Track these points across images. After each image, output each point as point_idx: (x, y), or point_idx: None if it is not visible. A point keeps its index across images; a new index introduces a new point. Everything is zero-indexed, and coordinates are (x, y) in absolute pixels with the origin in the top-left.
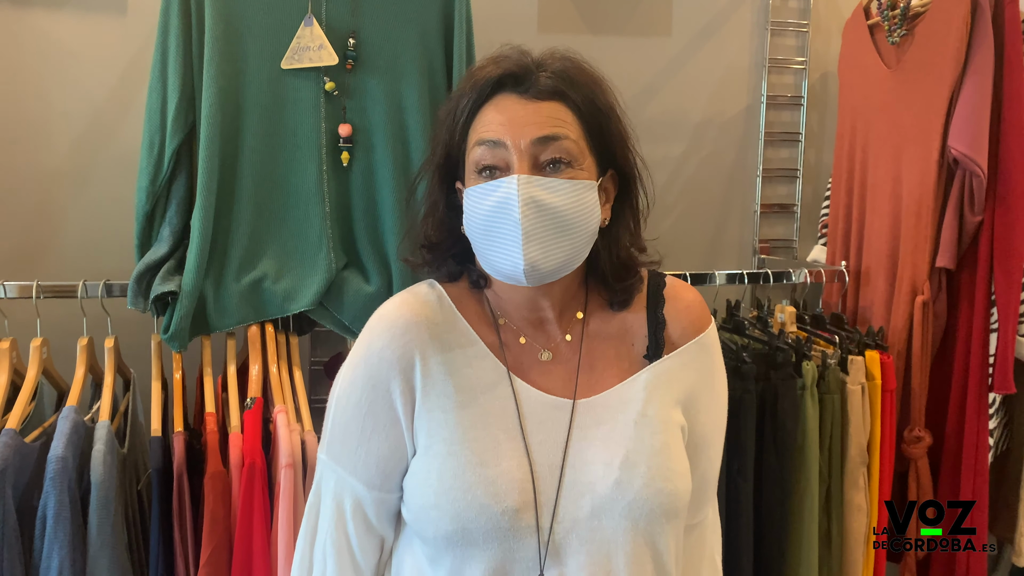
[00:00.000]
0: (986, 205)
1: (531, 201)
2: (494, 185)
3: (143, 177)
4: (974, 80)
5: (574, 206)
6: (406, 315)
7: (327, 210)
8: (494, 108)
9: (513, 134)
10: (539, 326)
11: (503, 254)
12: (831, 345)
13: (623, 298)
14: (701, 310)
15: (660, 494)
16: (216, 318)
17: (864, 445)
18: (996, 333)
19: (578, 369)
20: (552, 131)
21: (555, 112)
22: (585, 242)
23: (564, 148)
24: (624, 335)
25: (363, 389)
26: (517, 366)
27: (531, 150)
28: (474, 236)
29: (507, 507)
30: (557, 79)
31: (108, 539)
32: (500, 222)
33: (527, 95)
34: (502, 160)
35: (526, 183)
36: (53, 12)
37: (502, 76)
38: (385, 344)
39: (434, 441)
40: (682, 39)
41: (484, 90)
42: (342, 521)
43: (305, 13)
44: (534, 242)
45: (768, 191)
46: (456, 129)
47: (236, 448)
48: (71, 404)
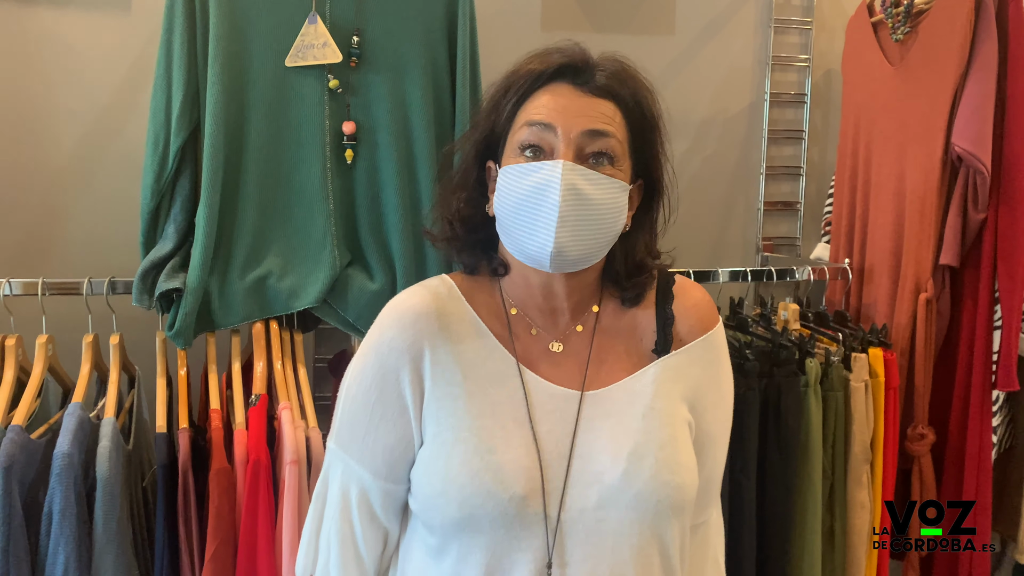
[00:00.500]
0: (990, 202)
1: (572, 187)
2: (536, 166)
3: (148, 175)
4: (978, 77)
5: (609, 202)
6: (417, 306)
7: (331, 207)
8: (549, 93)
9: (565, 121)
10: (551, 316)
11: (532, 235)
12: (834, 343)
13: (635, 294)
14: (709, 308)
15: (667, 486)
16: (221, 315)
17: (867, 442)
18: (1000, 330)
19: (588, 362)
20: (602, 127)
21: (607, 110)
22: (608, 240)
23: (609, 145)
24: (634, 330)
25: (373, 378)
26: (526, 357)
27: (579, 141)
28: (504, 214)
29: (514, 494)
30: (614, 80)
31: (114, 535)
32: (536, 203)
33: (583, 88)
34: (547, 144)
35: (570, 169)
36: (57, 10)
37: (562, 66)
38: (396, 334)
39: (442, 429)
40: (686, 37)
41: (543, 75)
42: (347, 510)
43: (309, 11)
44: (567, 228)
45: (772, 189)
46: (505, 108)
47: (241, 444)
48: (76, 401)
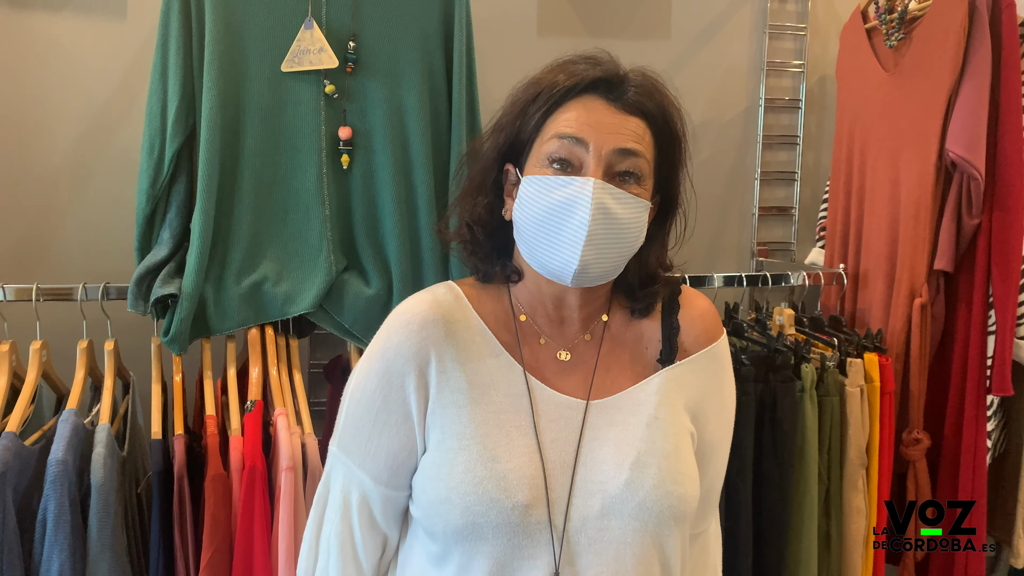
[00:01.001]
0: (984, 208)
1: (601, 206)
2: (566, 180)
3: (143, 180)
4: (972, 83)
5: (633, 221)
6: (424, 312)
7: (327, 213)
8: (582, 106)
9: (597, 138)
10: (560, 325)
11: (556, 251)
12: (830, 348)
13: (645, 304)
14: (714, 319)
15: (669, 496)
16: (216, 321)
17: (863, 447)
18: (994, 335)
19: (595, 371)
20: (634, 146)
21: (638, 129)
22: (629, 256)
23: (638, 165)
24: (639, 339)
25: (377, 383)
26: (533, 365)
27: (609, 158)
28: (526, 225)
29: (517, 502)
30: (645, 97)
31: (108, 542)
32: (563, 219)
33: (616, 104)
34: (577, 158)
35: (601, 188)
36: (53, 14)
37: (596, 80)
38: (402, 340)
39: (447, 436)
40: (681, 42)
41: (576, 87)
42: (348, 515)
43: (305, 16)
44: (593, 246)
45: (766, 194)
46: (533, 116)
47: (236, 451)
48: (71, 407)
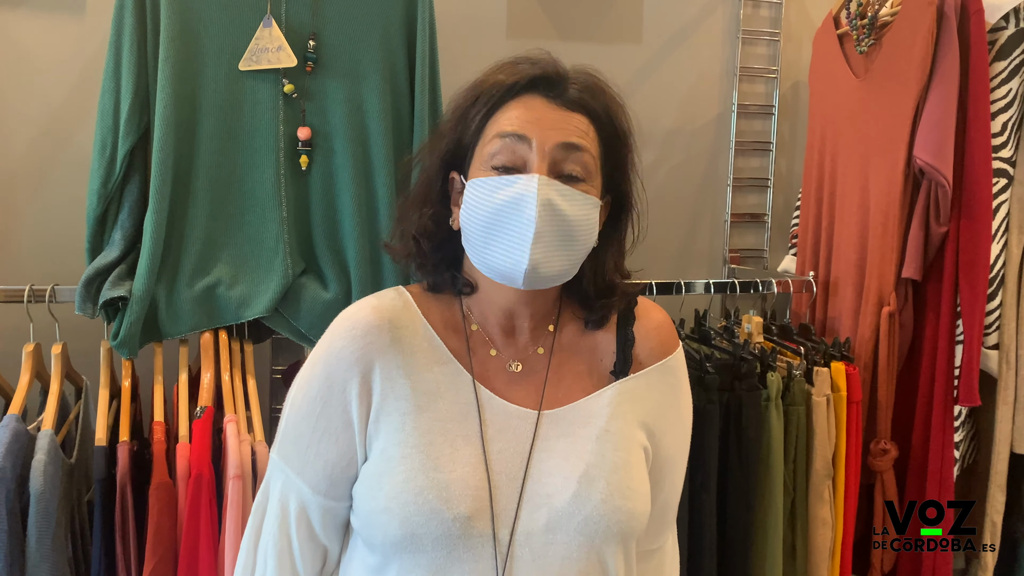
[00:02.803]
0: (951, 216)
1: (547, 203)
2: (510, 179)
3: (95, 179)
4: (939, 90)
5: (583, 219)
6: (369, 317)
7: (284, 215)
8: (522, 105)
9: (539, 134)
10: (511, 335)
11: (505, 252)
12: (797, 356)
13: (600, 316)
14: (669, 332)
15: (618, 511)
16: (168, 324)
17: (829, 458)
18: (961, 345)
19: (546, 380)
20: (577, 140)
21: (581, 124)
22: (580, 257)
23: (583, 160)
24: (594, 350)
25: (319, 390)
26: (483, 374)
27: (553, 154)
28: (472, 229)
29: (459, 513)
30: (586, 92)
31: (48, 553)
32: (510, 218)
33: (556, 100)
34: (520, 157)
35: (546, 184)
36: (10, 11)
37: (535, 77)
38: (344, 345)
39: (389, 445)
40: (652, 46)
41: (515, 87)
42: (285, 524)
43: (264, 14)
44: (541, 244)
45: (739, 200)
46: (474, 119)
47: (183, 458)
48: (12, 412)
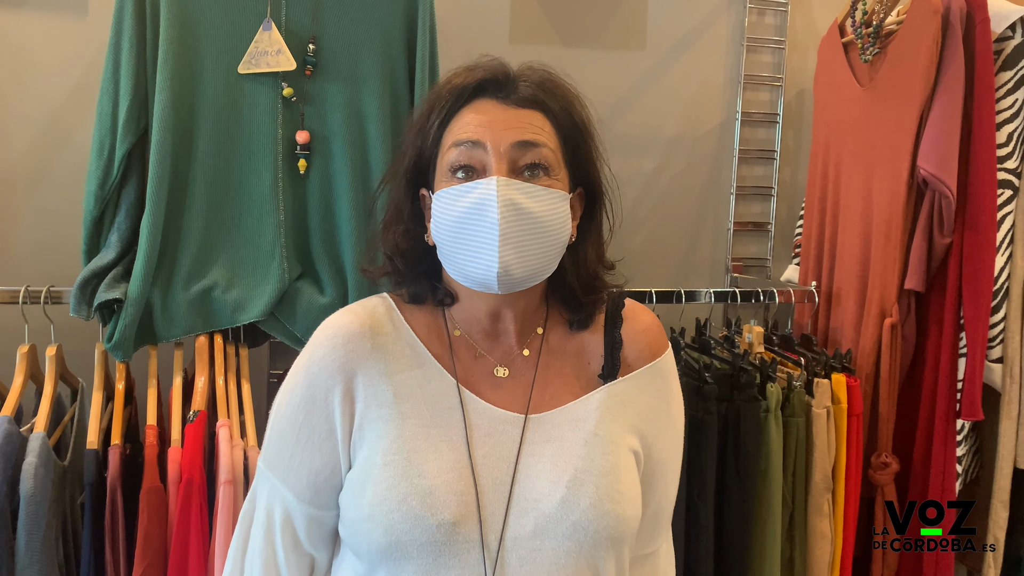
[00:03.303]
0: (955, 227)
1: (510, 203)
2: (470, 186)
3: (92, 181)
4: (944, 100)
5: (550, 214)
6: (351, 325)
7: (282, 218)
8: (473, 111)
9: (493, 136)
10: (496, 339)
11: (475, 258)
12: (797, 367)
13: (584, 316)
14: (658, 334)
15: (606, 516)
16: (163, 327)
17: (829, 471)
18: (965, 358)
19: (532, 384)
20: (532, 137)
21: (535, 120)
22: (556, 253)
23: (542, 155)
24: (581, 353)
25: (302, 398)
26: (467, 379)
27: (510, 154)
28: (443, 241)
29: (443, 520)
30: (537, 89)
31: (37, 555)
32: (475, 224)
33: (507, 101)
34: (479, 162)
35: (506, 184)
36: (12, 11)
37: (482, 81)
38: (326, 353)
39: (373, 452)
40: (656, 53)
41: (464, 93)
42: (271, 533)
43: (264, 17)
44: (510, 245)
45: (742, 209)
46: (430, 132)
47: (175, 463)
48: (4, 414)
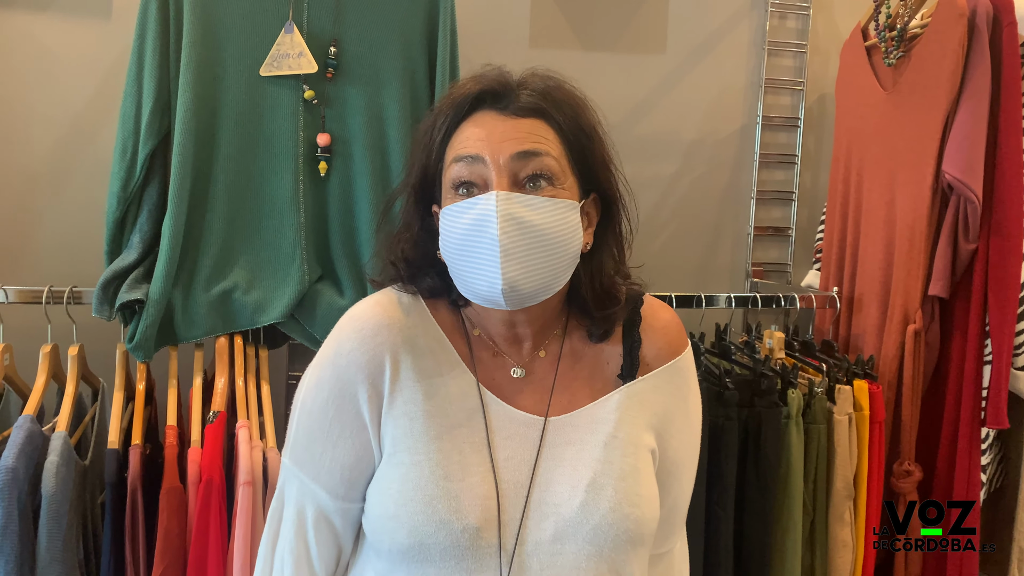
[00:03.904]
0: (981, 233)
1: (510, 217)
2: (471, 202)
3: (114, 183)
4: (969, 104)
5: (555, 225)
6: (378, 316)
7: (302, 220)
8: (472, 124)
9: (492, 149)
10: (514, 343)
11: (480, 275)
12: (819, 373)
13: (603, 330)
14: (677, 332)
15: (626, 519)
16: (183, 328)
17: (850, 478)
18: (990, 365)
19: (553, 387)
20: (532, 146)
21: (535, 129)
22: (566, 264)
23: (545, 165)
24: (599, 354)
25: (329, 392)
26: (488, 379)
27: (510, 166)
28: (450, 258)
29: (468, 524)
30: (538, 97)
31: (58, 554)
32: (477, 240)
33: (507, 111)
34: (480, 177)
35: (505, 199)
36: (37, 14)
37: (481, 92)
38: (354, 347)
39: (399, 449)
40: (677, 57)
41: (462, 107)
42: (302, 530)
43: (286, 20)
44: (513, 261)
45: (762, 213)
46: (433, 148)
47: (194, 463)
48: (27, 413)
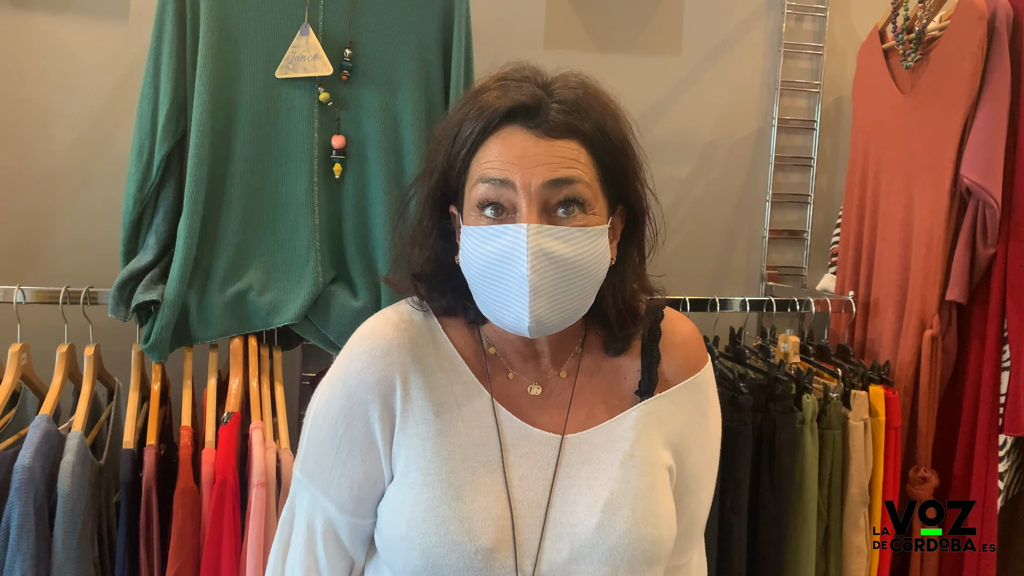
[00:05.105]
0: (1000, 237)
1: (541, 254)
2: (499, 231)
3: (131, 184)
4: (989, 107)
5: (586, 256)
6: (388, 335)
7: (316, 222)
8: (501, 142)
9: (523, 175)
10: (531, 360)
11: (506, 306)
12: (834, 378)
13: (621, 346)
14: (697, 346)
15: (643, 540)
16: (198, 329)
17: (865, 484)
18: (1008, 371)
19: (570, 405)
20: (566, 174)
21: (568, 152)
22: (593, 290)
23: (577, 192)
24: (617, 370)
25: (340, 410)
26: (503, 395)
27: (541, 194)
28: (472, 279)
29: (481, 545)
30: (571, 113)
31: (73, 553)
32: (504, 272)
33: (538, 131)
34: (508, 201)
35: (536, 233)
36: (56, 16)
37: (512, 108)
38: (365, 366)
39: (411, 469)
40: (692, 59)
41: (492, 121)
42: (312, 542)
43: (302, 22)
44: (542, 298)
45: (778, 216)
46: (457, 158)
47: (208, 464)
48: (44, 413)
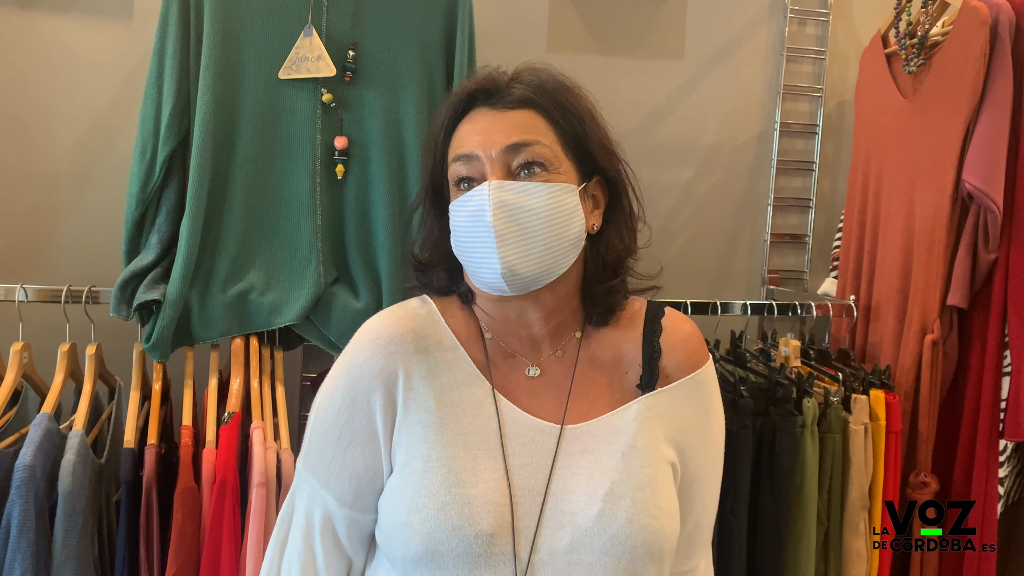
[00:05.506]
0: (1001, 243)
1: (502, 204)
2: (469, 195)
3: (133, 183)
4: (991, 112)
5: (549, 208)
6: (392, 327)
7: (319, 223)
8: (469, 124)
9: (484, 144)
10: (528, 342)
11: (483, 262)
12: (834, 382)
13: (604, 307)
14: (699, 344)
15: (644, 531)
16: (200, 329)
17: (866, 489)
18: (1009, 376)
19: (569, 393)
20: (521, 138)
21: (525, 119)
22: (567, 246)
23: (536, 152)
24: (618, 362)
25: (343, 401)
26: (503, 385)
27: (503, 158)
28: (459, 250)
29: (481, 530)
30: (527, 88)
31: (73, 552)
32: (476, 230)
33: (498, 106)
34: (478, 172)
35: (497, 188)
36: (60, 16)
37: (473, 91)
38: (368, 356)
39: (412, 458)
40: (695, 63)
41: (458, 107)
42: (310, 536)
43: (305, 23)
44: (509, 245)
45: (779, 220)
46: (437, 151)
47: (208, 463)
48: (45, 411)
